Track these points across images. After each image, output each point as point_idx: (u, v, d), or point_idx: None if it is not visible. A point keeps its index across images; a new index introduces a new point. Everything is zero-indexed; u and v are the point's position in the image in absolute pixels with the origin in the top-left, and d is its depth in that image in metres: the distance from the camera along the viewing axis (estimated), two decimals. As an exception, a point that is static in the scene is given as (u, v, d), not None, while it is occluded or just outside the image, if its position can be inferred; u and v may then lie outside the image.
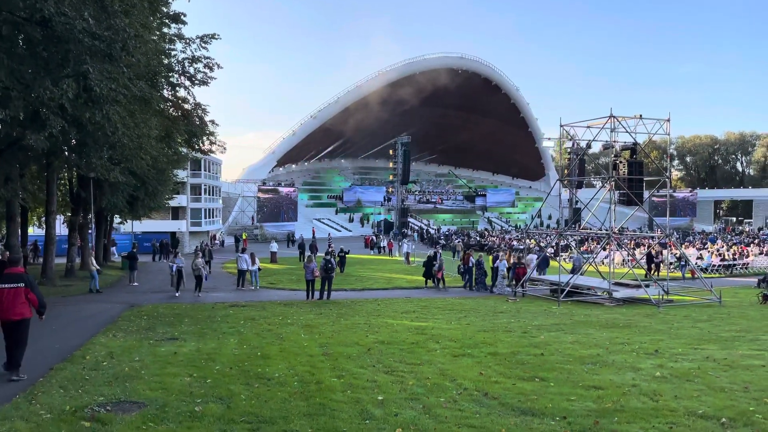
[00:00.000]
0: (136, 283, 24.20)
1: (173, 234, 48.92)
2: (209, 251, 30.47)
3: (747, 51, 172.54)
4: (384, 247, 46.88)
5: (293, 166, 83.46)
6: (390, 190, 74.05)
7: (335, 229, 67.55)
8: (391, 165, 70.32)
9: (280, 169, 78.44)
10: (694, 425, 6.05)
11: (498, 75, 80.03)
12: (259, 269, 24.08)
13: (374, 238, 51.95)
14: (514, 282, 23.30)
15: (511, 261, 24.64)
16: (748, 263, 34.99)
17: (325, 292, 19.95)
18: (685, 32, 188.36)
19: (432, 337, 11.97)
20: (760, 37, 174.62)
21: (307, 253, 36.05)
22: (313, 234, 57.26)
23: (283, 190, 65.08)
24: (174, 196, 40.89)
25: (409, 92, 73.35)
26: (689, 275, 28.96)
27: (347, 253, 31.46)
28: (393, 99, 73.17)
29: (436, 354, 10.19)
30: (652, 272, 28.28)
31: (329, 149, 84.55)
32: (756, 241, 49.24)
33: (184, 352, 10.21)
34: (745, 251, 38.38)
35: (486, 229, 71.18)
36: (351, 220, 74.12)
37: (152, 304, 17.83)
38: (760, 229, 74.83)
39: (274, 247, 36.98)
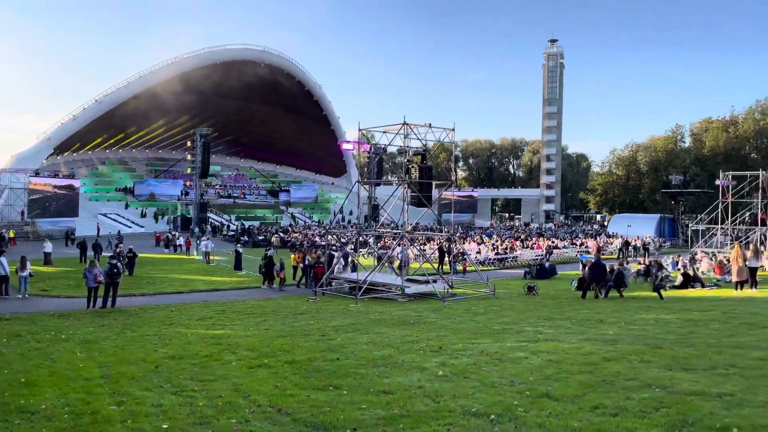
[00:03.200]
0: None
1: None
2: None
3: (523, 63, 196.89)
4: (180, 245, 44.28)
5: (75, 155, 75.06)
6: (188, 183, 70.18)
7: (125, 225, 62.04)
8: (189, 157, 66.66)
9: (58, 157, 69.92)
10: (468, 424, 6.52)
11: (301, 71, 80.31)
12: (31, 275, 21.15)
13: (169, 235, 48.79)
14: (312, 282, 23.64)
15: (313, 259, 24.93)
16: (517, 256, 39.83)
17: (110, 299, 18.21)
18: (475, 42, 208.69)
19: (228, 347, 11.56)
20: (533, 48, 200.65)
21: (89, 253, 32.66)
22: (98, 231, 52.00)
23: (62, 181, 57.95)
24: None
25: (209, 82, 70.32)
26: (460, 269, 32.18)
27: (135, 256, 28.81)
28: (191, 88, 69.54)
29: (231, 367, 9.84)
30: (443, 266, 30.90)
31: (119, 138, 77.67)
32: (523, 236, 56.19)
33: None
34: (515, 245, 43.67)
35: (291, 225, 71.06)
36: (143, 215, 68.76)
37: None
38: (526, 224, 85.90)
39: (48, 247, 32.60)
